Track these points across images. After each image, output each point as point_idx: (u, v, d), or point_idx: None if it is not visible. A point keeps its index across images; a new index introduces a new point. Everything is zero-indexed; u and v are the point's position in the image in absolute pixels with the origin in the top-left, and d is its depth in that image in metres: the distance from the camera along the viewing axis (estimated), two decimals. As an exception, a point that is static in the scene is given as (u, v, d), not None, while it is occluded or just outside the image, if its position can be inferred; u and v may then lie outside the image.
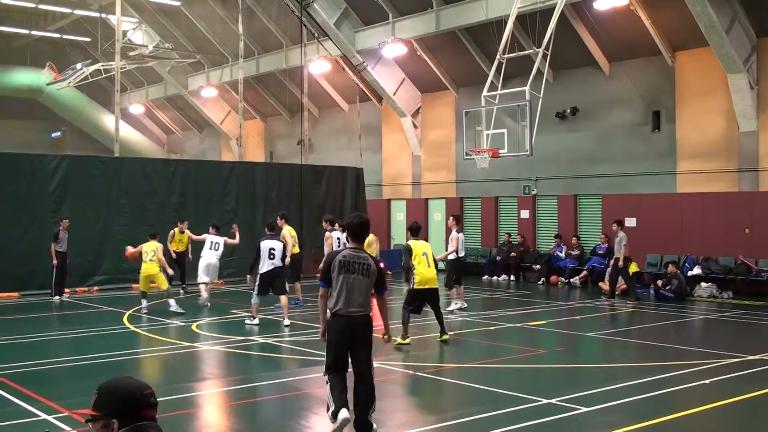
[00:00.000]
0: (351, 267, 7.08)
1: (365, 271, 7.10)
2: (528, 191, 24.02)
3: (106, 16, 34.20)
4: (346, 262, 7.09)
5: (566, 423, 7.80)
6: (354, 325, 7.09)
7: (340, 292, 7.06)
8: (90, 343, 12.76)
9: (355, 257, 7.13)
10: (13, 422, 7.84)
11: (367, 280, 7.11)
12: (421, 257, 12.23)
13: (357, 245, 7.27)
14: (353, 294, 7.05)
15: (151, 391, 2.86)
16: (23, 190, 19.54)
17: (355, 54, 26.12)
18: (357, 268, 7.08)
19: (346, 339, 7.08)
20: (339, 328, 7.10)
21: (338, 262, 7.08)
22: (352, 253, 7.17)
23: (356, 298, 7.06)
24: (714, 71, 19.28)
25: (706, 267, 19.11)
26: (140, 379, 2.97)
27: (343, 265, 7.08)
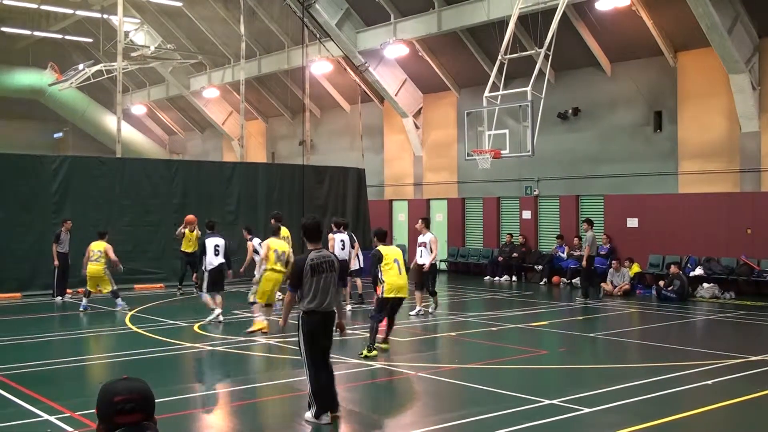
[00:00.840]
0: (321, 267, 7.60)
1: (332, 267, 7.68)
2: (530, 192, 24.02)
3: (108, 16, 34.23)
4: (316, 264, 7.59)
5: (568, 424, 7.80)
6: (329, 320, 7.71)
7: (316, 292, 7.55)
8: (92, 343, 12.77)
9: (321, 258, 7.66)
10: (16, 423, 7.84)
11: (334, 276, 7.70)
12: (392, 264, 11.57)
13: (316, 245, 7.79)
14: (326, 292, 7.61)
15: (124, 398, 2.84)
16: (25, 190, 19.54)
17: (357, 54, 26.13)
18: (326, 267, 7.63)
19: (323, 335, 7.68)
20: (316, 326, 7.59)
21: (309, 267, 7.56)
22: (318, 254, 7.67)
23: (329, 295, 7.63)
24: (716, 72, 19.27)
25: (708, 268, 19.09)
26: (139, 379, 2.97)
27: (315, 267, 7.57)
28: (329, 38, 26.24)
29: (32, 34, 38.08)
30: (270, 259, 13.22)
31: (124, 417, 2.83)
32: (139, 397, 2.87)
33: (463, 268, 25.98)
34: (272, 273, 13.20)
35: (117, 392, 2.86)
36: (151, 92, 40.73)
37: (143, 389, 2.90)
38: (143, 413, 2.87)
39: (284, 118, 34.26)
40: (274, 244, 13.49)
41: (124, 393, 2.85)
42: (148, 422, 2.89)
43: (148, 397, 2.90)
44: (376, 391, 9.49)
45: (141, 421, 2.86)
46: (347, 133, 30.68)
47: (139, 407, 2.86)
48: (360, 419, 8.13)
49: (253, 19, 30.22)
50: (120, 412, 2.82)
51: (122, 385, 2.89)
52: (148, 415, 2.90)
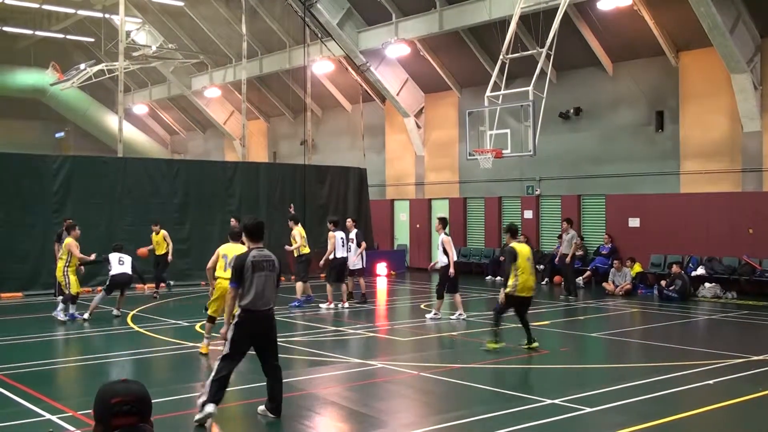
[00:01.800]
0: (261, 265, 7.65)
1: (272, 267, 7.74)
2: (531, 191, 24.01)
3: (109, 16, 34.26)
4: (257, 261, 7.64)
5: (570, 423, 7.79)
6: (264, 319, 7.72)
7: (253, 290, 7.59)
8: (94, 343, 12.78)
9: (263, 256, 7.72)
10: (18, 422, 7.85)
11: (274, 275, 7.75)
12: (526, 262, 11.67)
13: (258, 244, 7.84)
14: (264, 290, 7.65)
15: (120, 400, 2.87)
16: (27, 190, 19.56)
17: (359, 54, 26.13)
18: (266, 266, 7.68)
19: (256, 333, 7.69)
20: (249, 325, 7.64)
21: (250, 263, 7.61)
22: (259, 252, 7.74)
23: (266, 294, 7.68)
24: (718, 71, 19.26)
25: (710, 267, 19.08)
26: (136, 381, 2.98)
27: (255, 264, 7.62)
28: (331, 38, 26.24)
29: (34, 33, 38.12)
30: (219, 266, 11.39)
31: (120, 419, 2.85)
32: (136, 399, 2.89)
33: (464, 267, 25.91)
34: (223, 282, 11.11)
35: (114, 394, 2.88)
36: (152, 92, 40.74)
37: (140, 392, 2.92)
38: (139, 415, 2.89)
39: (286, 117, 34.27)
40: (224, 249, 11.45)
41: (121, 395, 2.87)
42: (144, 424, 2.90)
43: (144, 400, 2.92)
44: (377, 390, 9.48)
45: (137, 423, 2.88)
46: (349, 133, 30.68)
47: (136, 409, 2.88)
48: (361, 419, 8.13)
49: (255, 18, 30.23)
50: (117, 414, 2.84)
51: (120, 387, 2.91)
52: (145, 417, 2.92)
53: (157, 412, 3.03)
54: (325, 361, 11.29)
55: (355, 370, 10.46)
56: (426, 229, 27.63)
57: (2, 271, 18.87)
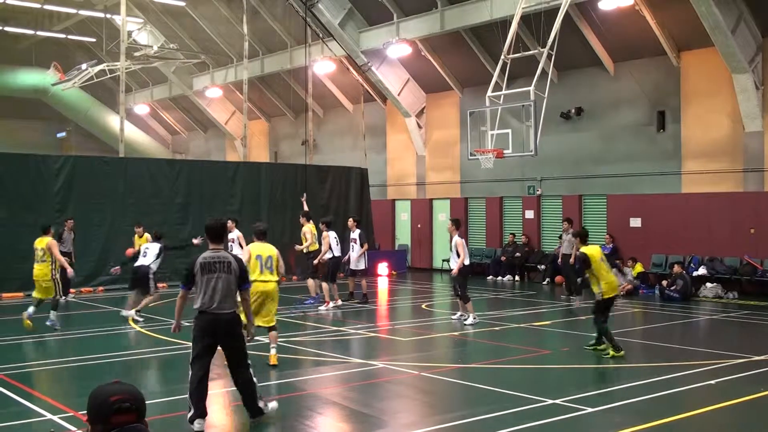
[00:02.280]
0: (212, 267, 7.43)
1: (226, 268, 7.46)
2: (532, 191, 24.01)
3: (111, 16, 34.26)
4: (207, 263, 7.45)
5: (571, 423, 7.79)
6: (218, 322, 7.42)
7: (204, 292, 7.41)
8: (95, 343, 12.78)
9: (215, 257, 7.49)
10: (19, 422, 7.86)
11: (229, 276, 7.45)
12: (600, 263, 11.45)
13: (216, 246, 7.62)
14: (216, 293, 7.40)
15: (120, 397, 2.89)
16: (28, 190, 19.57)
17: (360, 54, 26.13)
18: (218, 267, 7.45)
19: (210, 336, 7.45)
20: (203, 326, 7.43)
21: (199, 264, 7.43)
22: (213, 254, 7.53)
23: (219, 296, 7.40)
24: (719, 71, 19.24)
25: (712, 267, 19.07)
26: (130, 383, 3.00)
27: (204, 266, 7.43)
28: (332, 38, 26.24)
29: (35, 33, 38.11)
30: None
31: (120, 416, 2.88)
32: (134, 397, 2.94)
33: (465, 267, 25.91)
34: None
35: (112, 393, 2.92)
36: (154, 92, 40.76)
37: (136, 391, 2.98)
38: (138, 413, 2.91)
39: (287, 117, 34.27)
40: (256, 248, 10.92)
41: (119, 393, 2.90)
42: (139, 424, 2.93)
43: (141, 398, 2.97)
44: (378, 390, 9.48)
45: (135, 421, 2.90)
46: (350, 133, 30.68)
47: (135, 407, 2.92)
48: (362, 419, 8.13)
49: (256, 18, 30.23)
50: (117, 411, 2.87)
51: (116, 387, 2.96)
52: (141, 416, 2.95)
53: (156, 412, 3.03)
54: (327, 361, 11.29)
55: (357, 370, 10.46)
56: (427, 229, 27.63)
57: (3, 270, 18.88)
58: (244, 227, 22.75)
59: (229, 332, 7.51)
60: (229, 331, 7.50)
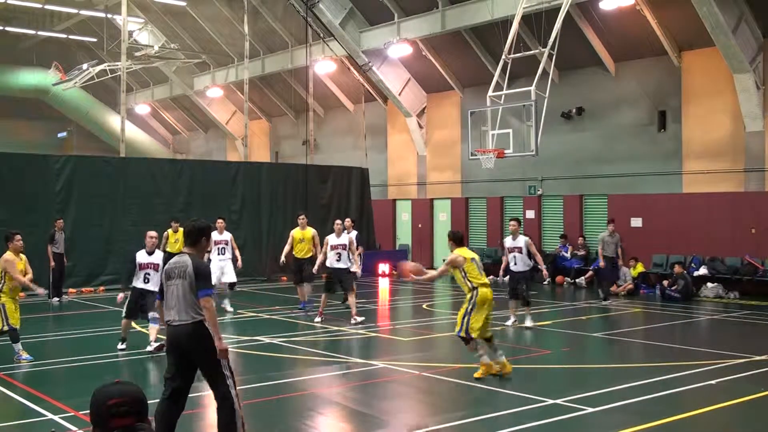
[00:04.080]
0: (171, 273, 6.57)
1: (182, 274, 6.48)
2: (533, 191, 24.01)
3: (112, 16, 34.29)
4: (168, 269, 6.61)
5: (572, 423, 7.79)
6: (177, 335, 6.46)
7: (165, 301, 6.61)
8: (96, 343, 12.78)
9: (175, 263, 6.60)
10: (20, 422, 7.87)
11: (185, 282, 6.44)
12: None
13: (189, 250, 6.70)
14: (172, 301, 6.51)
15: (117, 400, 2.92)
16: (30, 190, 19.58)
17: (361, 54, 26.13)
18: (176, 273, 6.53)
19: (174, 349, 6.53)
20: (167, 339, 6.64)
21: (164, 271, 6.67)
22: (176, 258, 6.69)
23: (175, 305, 6.48)
24: (720, 71, 19.24)
25: (713, 267, 19.06)
26: (130, 382, 3.01)
27: (167, 272, 6.62)
28: (333, 38, 26.25)
29: (36, 33, 38.15)
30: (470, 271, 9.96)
31: (118, 420, 2.89)
32: (132, 399, 2.94)
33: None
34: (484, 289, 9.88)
35: (110, 396, 2.93)
36: (154, 92, 40.77)
37: (135, 392, 2.98)
38: (136, 415, 2.93)
39: (288, 117, 34.28)
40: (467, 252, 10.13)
41: (117, 396, 2.92)
42: (142, 423, 2.94)
43: (140, 400, 2.97)
44: (379, 390, 9.48)
45: (134, 423, 2.91)
46: (351, 133, 30.69)
47: (133, 410, 2.94)
48: (363, 419, 8.13)
49: (257, 18, 30.25)
50: (115, 416, 2.88)
51: (115, 389, 2.96)
52: (142, 416, 2.95)
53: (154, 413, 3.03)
54: (329, 361, 11.30)
55: (358, 370, 10.46)
56: (428, 229, 27.62)
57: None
58: (244, 227, 22.93)
59: (191, 346, 6.44)
60: (192, 344, 6.43)
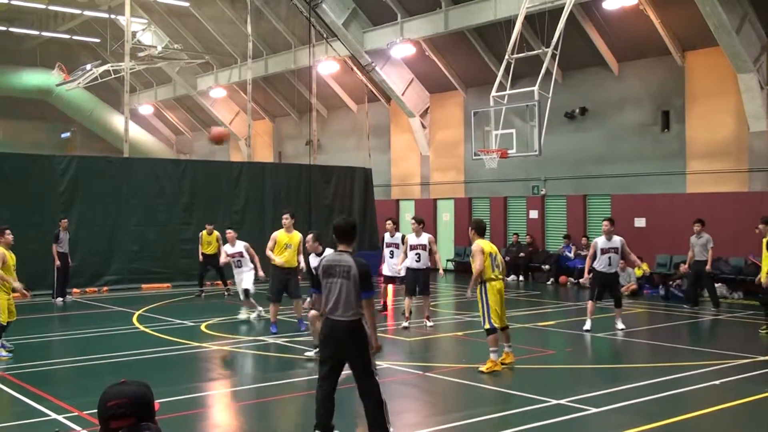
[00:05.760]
0: (332, 271, 6.95)
1: (345, 274, 6.87)
2: (537, 191, 23.99)
3: (115, 17, 34.34)
4: (327, 266, 7.01)
5: (576, 424, 7.78)
6: (338, 330, 6.90)
7: (325, 297, 7.00)
8: (99, 343, 12.80)
9: (335, 260, 6.99)
10: (24, 422, 7.88)
11: (348, 283, 6.83)
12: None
13: (345, 247, 7.06)
14: (334, 298, 6.91)
15: (116, 402, 2.93)
16: (33, 190, 19.60)
17: (364, 54, 26.13)
18: (337, 272, 6.92)
19: (332, 343, 6.99)
20: (325, 332, 7.04)
21: (322, 267, 7.06)
22: (334, 256, 7.07)
23: (337, 302, 6.89)
24: (724, 71, 19.20)
25: (716, 267, 19.00)
26: (137, 382, 3.01)
27: (325, 269, 7.01)
28: (336, 38, 26.25)
29: (40, 34, 38.21)
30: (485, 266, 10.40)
31: (116, 422, 2.90)
32: (129, 401, 2.95)
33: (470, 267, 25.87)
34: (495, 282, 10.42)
35: (110, 397, 2.95)
36: (158, 92, 40.82)
37: (135, 393, 2.97)
38: (135, 417, 2.92)
39: (291, 117, 34.29)
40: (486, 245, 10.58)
41: (115, 398, 2.93)
42: (147, 423, 2.94)
43: (138, 401, 2.96)
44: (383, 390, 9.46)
45: (134, 424, 2.91)
46: (354, 133, 30.69)
47: (130, 411, 2.93)
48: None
49: (260, 19, 30.26)
50: (112, 417, 2.89)
51: (115, 390, 2.98)
52: (143, 417, 2.95)
53: (161, 412, 3.03)
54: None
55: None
56: (431, 229, 27.57)
57: (9, 271, 18.89)
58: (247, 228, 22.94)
59: (351, 342, 6.93)
60: (351, 339, 6.92)
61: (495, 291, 10.22)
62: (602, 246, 13.67)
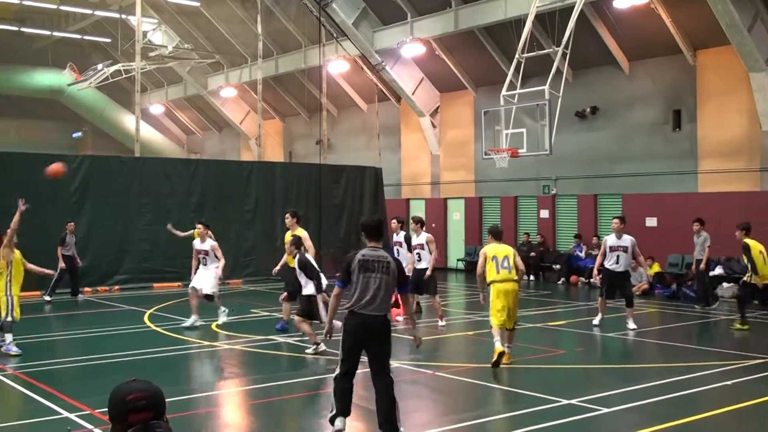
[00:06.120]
0: (370, 266, 6.99)
1: (385, 270, 6.99)
2: (547, 191, 23.93)
3: (126, 17, 34.45)
4: (366, 260, 7.01)
5: (587, 424, 7.76)
6: (369, 325, 6.99)
7: (359, 292, 6.97)
8: (111, 341, 12.85)
9: (374, 256, 7.04)
10: (36, 420, 7.92)
11: (388, 278, 6.98)
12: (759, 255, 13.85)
13: (376, 244, 7.15)
14: (371, 293, 6.94)
15: (136, 396, 2.97)
16: (45, 190, 19.66)
17: (374, 54, 26.13)
18: (377, 267, 6.99)
19: (360, 338, 7.01)
20: (353, 327, 7.01)
21: (358, 261, 7.01)
22: (372, 252, 7.08)
23: (374, 297, 6.94)
24: (736, 70, 19.11)
25: (728, 267, 18.94)
26: (148, 381, 3.04)
27: (363, 264, 6.99)
28: (346, 37, 26.26)
29: (51, 34, 38.39)
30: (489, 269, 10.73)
31: (136, 415, 2.94)
32: (150, 395, 3.00)
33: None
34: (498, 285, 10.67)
35: (129, 392, 2.99)
36: (168, 92, 40.94)
37: (153, 389, 3.05)
38: (154, 411, 2.97)
39: (301, 117, 34.33)
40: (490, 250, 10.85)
41: (135, 392, 2.97)
42: (159, 421, 2.98)
43: (157, 396, 3.03)
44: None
45: (152, 418, 2.96)
46: (364, 133, 30.69)
47: (150, 405, 2.98)
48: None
49: (271, 18, 30.30)
50: (133, 410, 2.95)
51: (133, 385, 3.02)
52: (159, 413, 2.99)
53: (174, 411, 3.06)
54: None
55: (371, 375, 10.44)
56: (441, 229, 27.59)
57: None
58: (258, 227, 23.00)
59: (381, 336, 7.04)
60: (382, 333, 7.05)
61: (496, 292, 10.54)
62: (611, 244, 13.86)
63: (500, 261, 10.61)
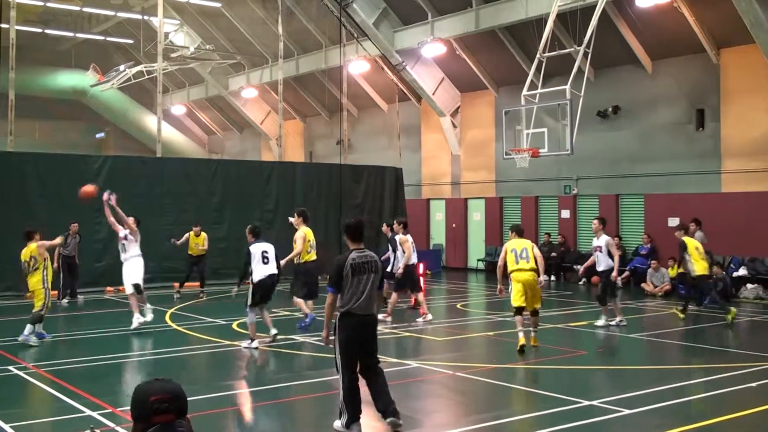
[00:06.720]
0: (361, 268, 7.27)
1: (375, 269, 7.34)
2: (568, 191, 23.81)
3: (148, 18, 34.66)
4: (357, 264, 7.25)
5: (609, 425, 7.71)
6: (366, 323, 7.31)
7: (352, 293, 7.18)
8: (132, 341, 12.93)
9: (364, 258, 7.33)
10: (60, 418, 8.00)
11: (376, 276, 7.32)
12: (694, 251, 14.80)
13: (359, 245, 7.44)
14: (365, 294, 7.22)
15: (159, 397, 2.99)
16: (68, 190, 19.78)
17: (394, 54, 26.13)
18: (367, 268, 7.30)
19: (359, 336, 7.27)
20: (352, 327, 7.22)
21: (350, 266, 7.21)
22: (359, 254, 7.34)
23: (368, 297, 7.25)
24: (760, 68, 18.91)
25: (752, 268, 18.76)
26: (170, 380, 3.06)
27: (356, 267, 7.23)
28: (366, 37, 26.27)
29: (75, 36, 38.71)
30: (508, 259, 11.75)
31: (159, 416, 2.97)
32: (173, 396, 3.02)
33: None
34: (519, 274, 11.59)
35: (152, 393, 3.01)
36: (190, 92, 41.16)
37: (175, 389, 3.06)
38: (177, 412, 3.00)
39: (322, 117, 34.39)
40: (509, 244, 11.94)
41: (159, 393, 3.01)
42: (181, 421, 3.01)
43: (180, 397, 3.05)
44: (412, 390, 9.46)
45: (174, 419, 2.98)
46: (384, 133, 30.70)
47: (173, 407, 3.01)
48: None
49: (291, 19, 30.37)
50: (156, 412, 2.96)
51: (157, 386, 3.04)
52: (181, 413, 3.02)
53: (195, 409, 3.08)
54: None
55: (391, 370, 10.44)
56: (462, 229, 27.54)
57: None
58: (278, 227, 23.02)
59: (374, 331, 7.43)
60: (375, 329, 7.44)
61: (516, 281, 11.53)
62: (593, 245, 14.79)
63: (519, 252, 11.54)
